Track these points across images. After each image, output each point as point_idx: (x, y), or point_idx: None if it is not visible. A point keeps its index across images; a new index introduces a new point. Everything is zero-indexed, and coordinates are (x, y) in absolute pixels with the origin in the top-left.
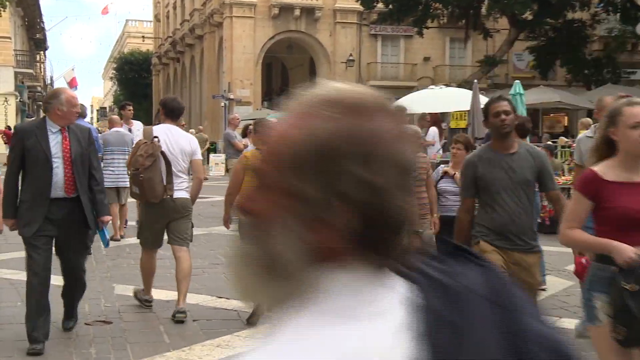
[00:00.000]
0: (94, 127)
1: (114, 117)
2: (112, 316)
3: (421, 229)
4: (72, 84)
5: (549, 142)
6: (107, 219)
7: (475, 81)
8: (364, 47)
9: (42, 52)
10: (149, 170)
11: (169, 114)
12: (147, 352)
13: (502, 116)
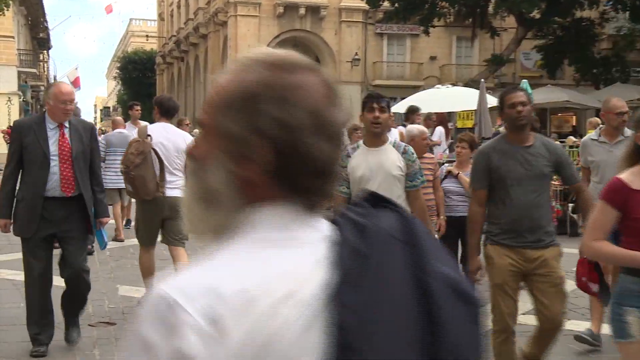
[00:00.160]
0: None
1: (118, 118)
2: (116, 317)
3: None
4: (76, 83)
5: (557, 142)
6: (106, 220)
7: (482, 80)
8: (370, 46)
9: (45, 51)
10: (139, 167)
11: (165, 113)
12: None
13: (519, 107)
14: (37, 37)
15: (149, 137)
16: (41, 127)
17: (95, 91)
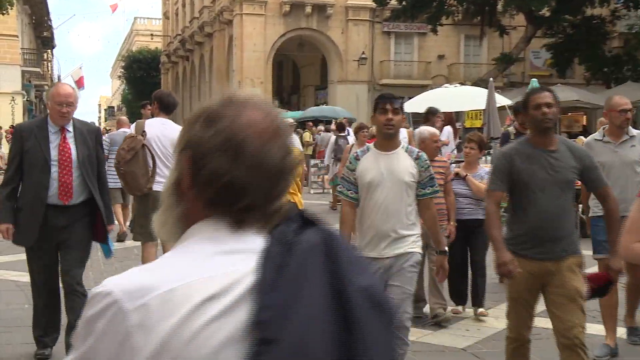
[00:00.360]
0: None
1: (123, 117)
2: None
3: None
4: (80, 83)
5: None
6: (111, 227)
7: (490, 79)
8: (377, 44)
9: (49, 50)
10: (129, 163)
11: (165, 108)
12: None
13: (544, 109)
14: (41, 36)
15: (144, 133)
16: (43, 130)
17: (99, 90)
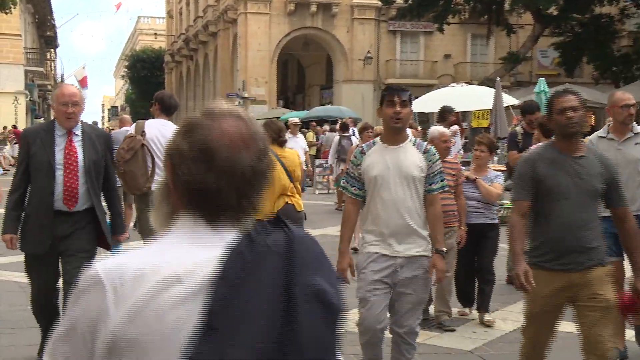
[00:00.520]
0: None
1: (125, 116)
2: None
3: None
4: (83, 82)
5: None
6: (123, 237)
7: (497, 79)
8: (383, 43)
9: (52, 49)
10: (129, 163)
11: (166, 110)
12: None
13: (569, 113)
14: (44, 36)
15: (143, 133)
16: (49, 133)
17: (102, 90)
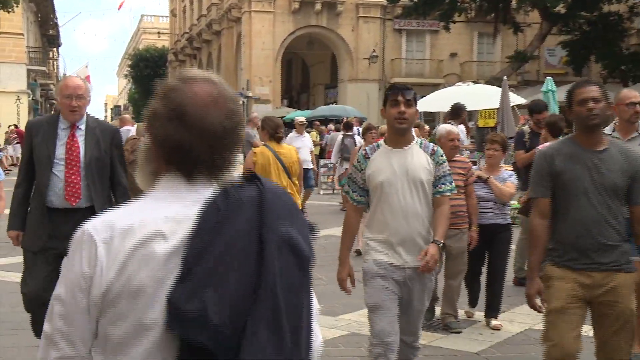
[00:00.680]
0: None
1: (126, 115)
2: None
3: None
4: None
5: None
6: None
7: (504, 78)
8: (388, 42)
9: (55, 48)
10: (132, 165)
11: None
12: None
13: (590, 104)
14: (47, 34)
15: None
16: (52, 126)
17: (105, 89)
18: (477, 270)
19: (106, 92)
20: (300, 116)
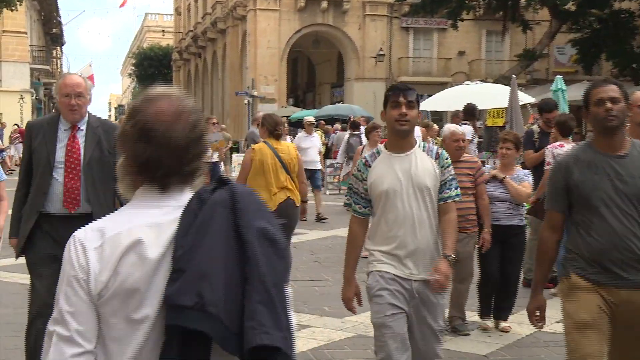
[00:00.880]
0: None
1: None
2: None
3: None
4: (90, 80)
5: None
6: None
7: (513, 76)
8: (395, 41)
9: (58, 47)
10: None
11: None
12: None
13: (607, 104)
14: (50, 33)
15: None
16: (52, 127)
17: (109, 88)
18: (490, 271)
19: (110, 91)
20: (308, 116)
